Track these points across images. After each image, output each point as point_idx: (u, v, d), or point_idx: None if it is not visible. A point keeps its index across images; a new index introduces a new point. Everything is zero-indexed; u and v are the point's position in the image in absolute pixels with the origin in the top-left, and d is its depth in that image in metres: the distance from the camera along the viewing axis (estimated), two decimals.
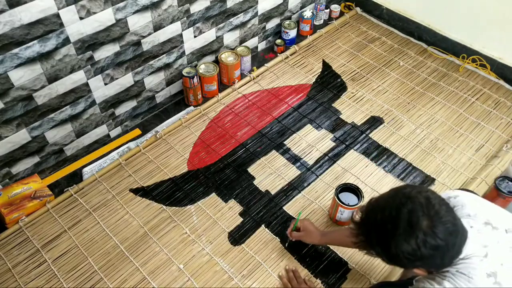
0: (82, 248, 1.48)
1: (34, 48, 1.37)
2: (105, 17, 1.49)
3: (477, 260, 0.90)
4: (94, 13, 1.45)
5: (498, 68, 2.05)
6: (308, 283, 1.37)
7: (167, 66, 1.85)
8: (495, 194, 1.58)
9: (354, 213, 1.45)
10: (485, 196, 1.62)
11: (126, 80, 1.73)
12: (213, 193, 1.63)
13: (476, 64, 2.09)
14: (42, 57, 1.41)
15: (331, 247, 1.47)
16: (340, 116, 1.90)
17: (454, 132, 1.82)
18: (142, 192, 1.63)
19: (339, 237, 1.36)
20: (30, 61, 1.39)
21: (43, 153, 1.64)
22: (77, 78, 1.56)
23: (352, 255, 1.46)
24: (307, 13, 2.27)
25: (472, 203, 1.00)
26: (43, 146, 1.62)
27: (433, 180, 1.66)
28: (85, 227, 1.54)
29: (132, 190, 1.64)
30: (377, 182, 1.65)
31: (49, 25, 1.37)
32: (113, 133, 1.85)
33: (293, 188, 1.64)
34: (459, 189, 1.40)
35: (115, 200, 1.61)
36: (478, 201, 1.03)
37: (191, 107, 1.95)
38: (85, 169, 1.71)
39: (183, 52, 1.87)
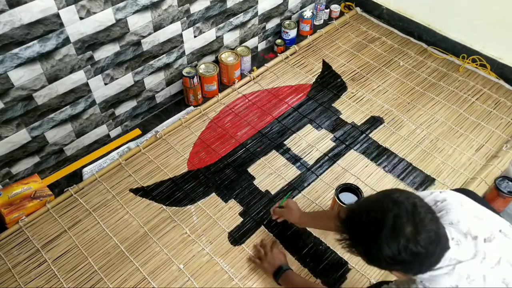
0: (82, 248, 1.48)
1: (34, 48, 1.37)
2: (105, 17, 1.49)
3: (443, 273, 0.91)
4: (94, 13, 1.45)
5: (498, 68, 2.05)
6: (274, 248, 1.43)
7: (167, 66, 1.85)
8: (495, 194, 1.58)
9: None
10: (485, 196, 1.62)
11: (126, 80, 1.73)
12: (213, 193, 1.63)
13: (476, 64, 2.09)
14: (42, 57, 1.41)
15: (331, 247, 1.47)
16: (340, 116, 1.90)
17: (454, 132, 1.82)
18: (142, 192, 1.64)
19: (320, 219, 1.40)
20: (30, 61, 1.39)
21: (43, 153, 1.64)
22: (77, 78, 1.56)
23: (352, 255, 1.45)
24: (307, 13, 2.26)
25: (457, 209, 0.99)
26: (43, 146, 1.62)
27: (433, 180, 1.66)
28: (85, 227, 1.54)
29: (132, 190, 1.64)
30: (377, 182, 1.65)
31: (49, 25, 1.37)
32: (113, 133, 1.85)
33: (293, 188, 1.64)
34: (458, 189, 1.41)
35: (115, 200, 1.61)
36: (464, 206, 1.01)
37: (191, 107, 1.95)
38: (85, 169, 1.71)
39: (183, 52, 1.87)
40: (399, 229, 0.85)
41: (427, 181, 1.65)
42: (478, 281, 0.90)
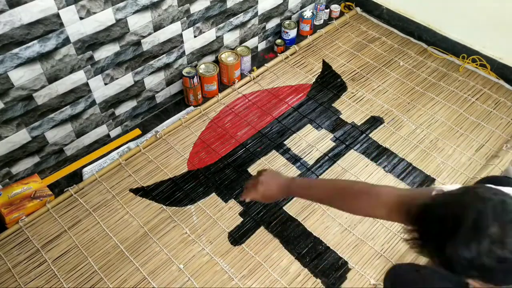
0: (82, 248, 1.48)
1: (34, 48, 1.37)
2: (105, 17, 1.49)
3: None
4: (94, 13, 1.45)
5: (498, 68, 2.05)
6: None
7: (167, 66, 1.85)
8: None
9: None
10: None
11: (126, 80, 1.73)
12: (213, 193, 1.63)
13: (476, 64, 2.09)
14: (42, 57, 1.41)
15: (331, 247, 1.47)
16: (340, 116, 1.90)
17: (454, 132, 1.82)
18: (142, 192, 1.63)
19: (326, 190, 1.06)
20: (30, 61, 1.39)
21: (43, 153, 1.64)
22: (77, 78, 1.56)
23: (352, 255, 1.46)
24: (307, 13, 2.26)
25: None
26: (43, 146, 1.62)
27: (433, 180, 1.66)
28: (85, 227, 1.54)
29: (132, 190, 1.64)
30: (377, 182, 1.65)
31: (49, 25, 1.37)
32: (113, 133, 1.85)
33: None
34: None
35: (115, 200, 1.61)
36: None
37: (191, 107, 1.95)
38: (85, 169, 1.71)
39: (183, 52, 1.87)
40: (482, 227, 0.72)
41: (427, 181, 1.65)
42: None
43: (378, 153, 1.75)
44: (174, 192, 1.63)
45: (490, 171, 1.65)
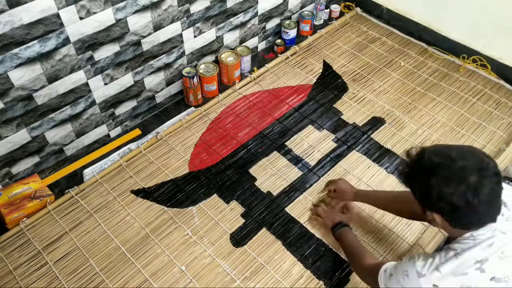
0: (84, 250, 1.47)
1: (34, 48, 1.36)
2: (105, 17, 1.48)
3: (479, 243, 0.94)
4: (94, 13, 1.44)
5: (499, 68, 2.05)
6: (345, 210, 1.52)
7: (167, 66, 1.84)
8: None
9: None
10: None
11: (126, 80, 1.71)
12: (215, 194, 1.63)
13: (477, 64, 2.09)
14: (42, 57, 1.40)
15: (334, 248, 1.47)
16: (342, 117, 1.89)
17: (456, 133, 1.82)
18: (143, 193, 1.62)
19: (380, 196, 1.44)
20: (30, 61, 1.37)
21: (43, 153, 1.63)
22: (77, 78, 1.54)
23: None
24: (307, 13, 2.26)
25: (510, 193, 1.03)
26: (43, 146, 1.61)
27: None
28: (86, 229, 1.52)
29: (133, 192, 1.63)
30: (379, 183, 1.65)
31: (49, 25, 1.35)
32: (113, 133, 1.83)
33: (295, 189, 1.64)
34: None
35: (116, 201, 1.60)
36: None
37: (192, 108, 1.94)
38: (85, 171, 1.70)
39: (183, 52, 1.86)
40: (465, 173, 0.88)
41: None
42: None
43: (380, 154, 1.75)
44: (176, 194, 1.62)
45: None
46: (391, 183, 1.65)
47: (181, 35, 1.79)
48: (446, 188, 0.89)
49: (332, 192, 1.55)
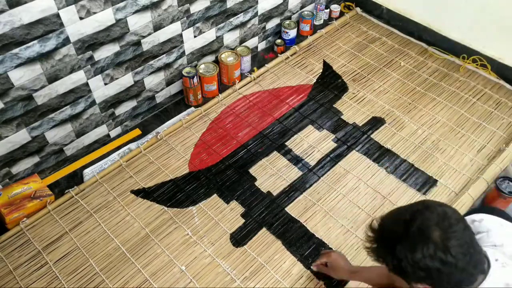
0: (84, 250, 1.47)
1: (34, 48, 1.36)
2: (105, 17, 1.48)
3: None
4: (94, 13, 1.44)
5: (499, 68, 2.05)
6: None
7: (167, 66, 1.84)
8: (496, 194, 1.57)
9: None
10: (486, 196, 1.62)
11: (126, 80, 1.71)
12: (215, 194, 1.63)
13: (477, 64, 2.09)
14: (42, 57, 1.40)
15: (334, 248, 1.47)
16: (342, 117, 1.89)
17: (456, 133, 1.82)
18: (143, 193, 1.62)
19: (375, 275, 1.25)
20: (30, 61, 1.37)
21: (43, 153, 1.63)
22: (77, 78, 1.54)
23: (354, 256, 1.45)
24: (307, 13, 2.26)
25: (498, 230, 0.96)
26: (43, 146, 1.61)
27: (435, 181, 1.65)
28: (86, 229, 1.52)
29: (133, 192, 1.63)
30: (379, 183, 1.65)
31: (49, 25, 1.35)
32: (113, 133, 1.83)
33: (295, 189, 1.64)
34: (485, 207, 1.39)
35: (116, 201, 1.60)
36: (504, 227, 0.98)
37: (192, 108, 1.94)
38: (85, 171, 1.69)
39: (183, 52, 1.86)
40: (427, 232, 0.81)
41: (429, 182, 1.65)
42: None
43: (380, 154, 1.75)
44: (176, 194, 1.62)
45: (491, 171, 1.65)
46: (391, 183, 1.65)
47: (181, 35, 1.79)
48: (414, 255, 0.81)
49: (324, 266, 1.38)
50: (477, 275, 0.85)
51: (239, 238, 1.50)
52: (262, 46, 2.25)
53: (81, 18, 1.42)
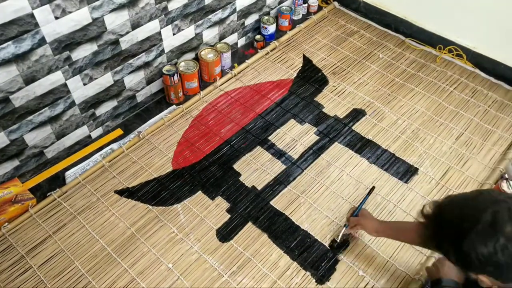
0: (68, 252, 1.45)
1: (9, 49, 1.33)
2: (81, 16, 1.46)
3: None
4: (70, 12, 1.42)
5: (473, 57, 2.09)
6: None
7: (146, 64, 1.82)
8: None
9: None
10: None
11: (105, 79, 1.70)
12: (199, 191, 1.62)
13: (453, 54, 2.13)
14: (17, 58, 1.37)
15: (319, 239, 1.49)
16: (323, 110, 1.91)
17: (435, 122, 1.85)
18: (127, 193, 1.61)
19: (400, 230, 1.28)
20: (5, 62, 1.35)
21: (23, 156, 1.60)
22: (55, 79, 1.52)
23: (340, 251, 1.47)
24: (286, 8, 2.27)
25: None
26: (22, 149, 1.58)
27: (416, 169, 1.68)
28: (70, 231, 1.51)
29: (117, 192, 1.62)
30: (361, 173, 1.67)
31: (23, 25, 1.33)
32: (94, 134, 1.81)
33: (279, 182, 1.65)
34: None
35: (100, 202, 1.58)
36: None
37: (174, 106, 1.94)
38: (68, 172, 1.67)
39: (163, 50, 1.85)
40: (498, 226, 0.79)
41: (410, 170, 1.68)
42: None
43: (361, 145, 1.77)
44: (160, 192, 1.62)
45: (491, 171, 1.67)
46: (374, 173, 1.67)
47: (159, 33, 1.78)
48: (484, 249, 0.79)
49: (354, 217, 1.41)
50: None
51: (225, 233, 1.51)
52: (241, 42, 2.25)
53: (56, 18, 1.40)
